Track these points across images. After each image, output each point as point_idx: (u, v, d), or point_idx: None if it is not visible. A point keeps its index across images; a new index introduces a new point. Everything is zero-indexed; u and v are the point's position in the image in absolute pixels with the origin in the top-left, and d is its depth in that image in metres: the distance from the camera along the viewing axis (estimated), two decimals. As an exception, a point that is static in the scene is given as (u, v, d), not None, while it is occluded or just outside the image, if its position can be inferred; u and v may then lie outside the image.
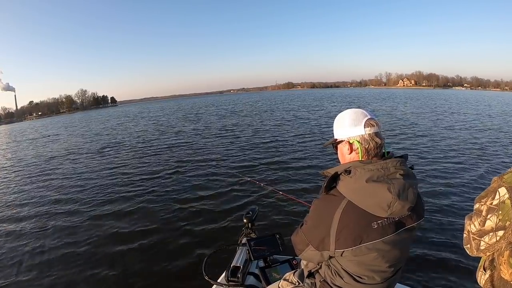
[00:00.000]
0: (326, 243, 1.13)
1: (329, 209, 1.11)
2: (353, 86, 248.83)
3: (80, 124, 36.86)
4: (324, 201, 1.16)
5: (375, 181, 1.06)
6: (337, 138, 1.26)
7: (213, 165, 9.14)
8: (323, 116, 21.51)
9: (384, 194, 1.04)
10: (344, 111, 1.26)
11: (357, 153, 1.19)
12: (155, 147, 13.34)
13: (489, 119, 18.47)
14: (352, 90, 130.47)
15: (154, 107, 71.60)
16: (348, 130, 1.20)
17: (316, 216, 1.17)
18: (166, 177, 8.28)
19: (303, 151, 10.24)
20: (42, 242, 5.00)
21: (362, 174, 1.08)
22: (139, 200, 6.56)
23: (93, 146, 15.69)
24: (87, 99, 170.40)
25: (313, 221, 1.18)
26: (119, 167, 10.03)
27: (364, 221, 1.07)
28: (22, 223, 5.93)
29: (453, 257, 3.81)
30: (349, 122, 1.20)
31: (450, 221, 4.54)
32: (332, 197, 1.13)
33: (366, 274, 1.15)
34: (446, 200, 5.63)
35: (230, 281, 1.91)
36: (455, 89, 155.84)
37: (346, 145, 1.21)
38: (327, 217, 1.10)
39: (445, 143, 10.89)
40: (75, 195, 7.37)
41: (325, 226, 1.11)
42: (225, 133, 15.97)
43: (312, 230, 1.19)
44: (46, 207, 6.72)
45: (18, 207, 7.02)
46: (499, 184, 1.13)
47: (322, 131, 14.50)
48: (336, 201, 1.10)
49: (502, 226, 1.11)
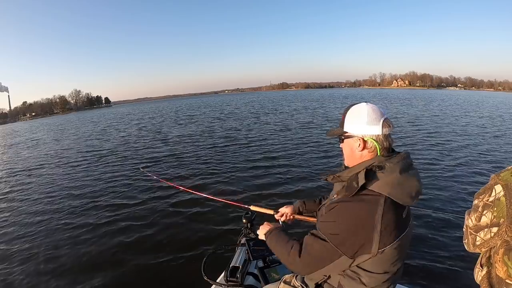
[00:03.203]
0: (366, 247, 1.03)
1: (369, 211, 1.03)
2: (347, 86, 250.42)
3: (69, 125, 35.85)
4: (359, 204, 1.05)
5: (405, 171, 1.08)
6: (347, 131, 1.19)
7: (209, 165, 9.11)
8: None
9: (414, 182, 1.07)
10: (360, 105, 1.18)
11: (370, 152, 1.15)
12: (153, 149, 13.22)
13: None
14: (348, 90, 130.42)
15: (146, 107, 71.00)
16: (365, 127, 1.14)
17: (353, 223, 1.04)
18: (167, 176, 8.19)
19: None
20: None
21: (395, 167, 1.08)
22: (133, 202, 6.53)
23: (70, 154, 13.86)
24: (81, 100, 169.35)
25: (349, 228, 1.04)
26: (97, 172, 9.90)
27: (399, 213, 1.08)
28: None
29: (452, 255, 3.83)
30: (366, 119, 1.13)
31: (447, 217, 4.61)
32: (366, 197, 1.06)
33: (386, 270, 1.11)
34: (447, 197, 5.67)
35: (229, 281, 1.90)
36: (449, 89, 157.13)
37: (358, 142, 1.15)
38: (369, 220, 1.02)
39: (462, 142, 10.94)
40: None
41: (367, 230, 1.02)
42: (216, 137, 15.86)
43: (349, 238, 1.04)
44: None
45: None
46: (495, 182, 1.16)
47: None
48: (374, 200, 1.04)
49: (496, 223, 1.14)
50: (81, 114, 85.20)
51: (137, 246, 4.56)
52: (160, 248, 4.43)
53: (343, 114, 1.22)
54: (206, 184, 7.20)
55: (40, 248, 4.82)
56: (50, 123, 49.54)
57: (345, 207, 1.07)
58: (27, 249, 4.84)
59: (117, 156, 12.07)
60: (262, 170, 8.15)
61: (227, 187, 6.98)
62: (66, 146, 16.77)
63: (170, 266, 3.99)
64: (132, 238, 4.81)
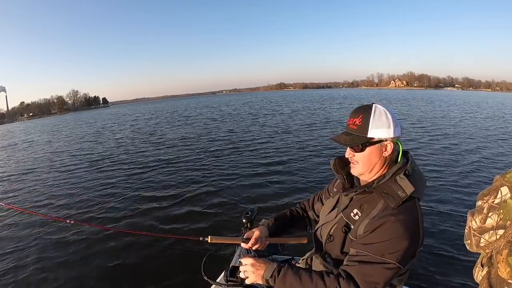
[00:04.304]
0: (416, 252, 1.03)
1: (416, 218, 1.03)
2: (345, 86, 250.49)
3: (65, 127, 34.88)
4: (409, 214, 1.03)
5: (419, 171, 1.14)
6: (373, 137, 1.09)
7: (206, 166, 9.06)
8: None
9: (424, 180, 1.15)
10: (377, 106, 1.11)
11: (390, 156, 1.13)
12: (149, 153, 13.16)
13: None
14: (348, 91, 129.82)
15: (144, 108, 70.64)
16: (391, 130, 1.08)
17: (409, 235, 0.99)
18: (168, 178, 8.19)
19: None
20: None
21: (417, 167, 1.13)
22: (135, 199, 6.50)
23: (59, 159, 12.74)
24: (78, 100, 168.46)
25: (407, 242, 0.98)
26: (98, 173, 9.81)
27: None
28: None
29: (451, 254, 3.84)
30: (391, 121, 1.09)
31: (449, 215, 4.61)
32: (408, 204, 1.04)
33: (406, 271, 1.12)
34: (448, 195, 5.69)
35: (229, 281, 1.89)
36: (447, 90, 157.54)
37: (389, 145, 1.10)
38: (418, 227, 1.02)
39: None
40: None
41: (418, 237, 1.01)
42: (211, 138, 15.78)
43: (408, 252, 1.00)
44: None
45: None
46: (501, 183, 1.13)
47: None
48: (414, 205, 1.05)
49: (503, 225, 1.11)
50: (78, 114, 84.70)
51: (135, 247, 4.50)
52: (159, 248, 4.39)
53: (360, 118, 1.11)
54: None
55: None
56: (45, 124, 49.10)
57: (397, 220, 1.00)
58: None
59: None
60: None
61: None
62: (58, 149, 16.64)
63: (169, 266, 3.97)
64: (130, 239, 4.75)
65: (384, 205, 1.05)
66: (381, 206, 1.06)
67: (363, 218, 1.10)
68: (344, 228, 1.15)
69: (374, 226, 1.03)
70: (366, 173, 1.16)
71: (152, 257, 4.19)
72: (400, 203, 1.01)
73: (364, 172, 1.16)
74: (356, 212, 1.14)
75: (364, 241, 1.04)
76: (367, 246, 1.02)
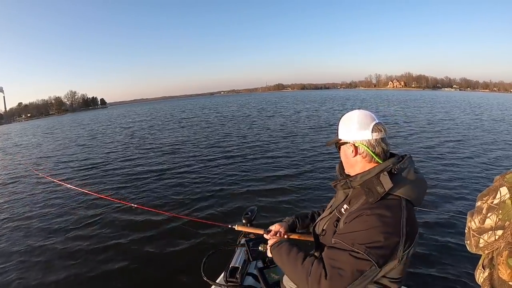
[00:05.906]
0: (394, 253, 1.00)
1: (396, 216, 1.02)
2: (343, 87, 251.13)
3: (60, 128, 34.20)
4: (386, 210, 1.03)
5: (416, 172, 1.15)
6: (341, 139, 1.24)
7: (200, 167, 9.04)
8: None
9: (424, 184, 1.16)
10: (352, 112, 1.22)
11: (363, 157, 1.18)
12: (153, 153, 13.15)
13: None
14: (346, 91, 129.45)
15: (141, 109, 70.31)
16: (354, 133, 1.17)
17: (383, 230, 0.99)
18: (169, 177, 8.18)
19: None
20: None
21: (410, 169, 1.13)
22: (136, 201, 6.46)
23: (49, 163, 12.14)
24: (76, 101, 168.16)
25: (379, 236, 0.98)
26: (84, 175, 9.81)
27: (414, 214, 1.11)
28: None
29: (452, 255, 3.82)
30: (356, 125, 1.17)
31: (447, 217, 4.61)
32: (390, 201, 1.06)
33: (402, 273, 1.11)
34: (448, 196, 5.69)
35: (229, 281, 1.90)
36: (445, 90, 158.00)
37: (351, 148, 1.19)
38: (397, 225, 1.01)
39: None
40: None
41: (396, 235, 1.00)
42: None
43: (380, 246, 0.98)
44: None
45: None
46: (500, 183, 1.13)
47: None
48: (398, 204, 1.05)
49: (502, 226, 1.11)
50: (75, 115, 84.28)
51: (135, 247, 4.51)
52: (159, 248, 4.40)
53: (339, 123, 1.26)
54: (186, 204, 6.09)
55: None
56: (42, 125, 48.70)
57: (372, 214, 1.03)
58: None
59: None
60: (249, 184, 7.02)
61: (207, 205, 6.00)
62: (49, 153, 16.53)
63: (169, 267, 3.96)
64: (129, 239, 4.77)
65: (365, 200, 1.09)
66: (362, 200, 1.11)
67: (348, 212, 1.16)
68: (335, 222, 1.20)
69: (351, 218, 1.08)
70: (350, 170, 1.25)
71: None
72: (379, 199, 1.04)
73: (347, 169, 1.28)
74: (346, 207, 1.20)
75: (340, 231, 1.10)
76: (342, 235, 1.07)
